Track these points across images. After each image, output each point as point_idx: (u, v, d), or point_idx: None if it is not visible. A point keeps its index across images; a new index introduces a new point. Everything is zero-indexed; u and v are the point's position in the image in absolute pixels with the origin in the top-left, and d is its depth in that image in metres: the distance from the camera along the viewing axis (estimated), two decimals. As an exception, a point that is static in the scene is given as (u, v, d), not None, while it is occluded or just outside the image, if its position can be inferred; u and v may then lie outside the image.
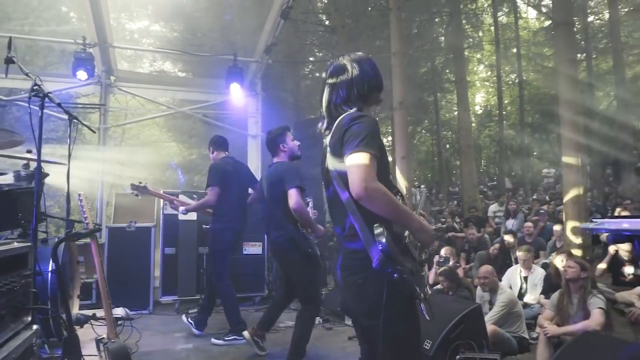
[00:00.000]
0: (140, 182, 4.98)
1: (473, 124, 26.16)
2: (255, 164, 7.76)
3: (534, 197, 16.37)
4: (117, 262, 6.29)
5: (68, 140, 3.20)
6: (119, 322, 4.07)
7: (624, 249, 6.39)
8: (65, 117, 3.22)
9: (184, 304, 6.59)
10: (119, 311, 4.73)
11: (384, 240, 1.59)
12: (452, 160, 26.57)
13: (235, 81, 7.03)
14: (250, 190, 5.25)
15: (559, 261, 6.03)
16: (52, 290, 3.24)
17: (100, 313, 3.83)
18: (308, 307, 3.87)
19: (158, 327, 5.52)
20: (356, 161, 1.63)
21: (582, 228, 2.89)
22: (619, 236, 6.38)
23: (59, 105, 2.91)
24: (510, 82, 23.00)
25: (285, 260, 4.02)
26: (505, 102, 23.24)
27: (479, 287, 5.49)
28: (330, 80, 1.96)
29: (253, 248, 7.08)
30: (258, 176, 7.61)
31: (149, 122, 10.45)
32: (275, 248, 3.99)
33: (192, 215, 6.94)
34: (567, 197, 6.92)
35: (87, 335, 3.64)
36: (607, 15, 13.93)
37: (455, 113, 19.13)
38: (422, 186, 5.45)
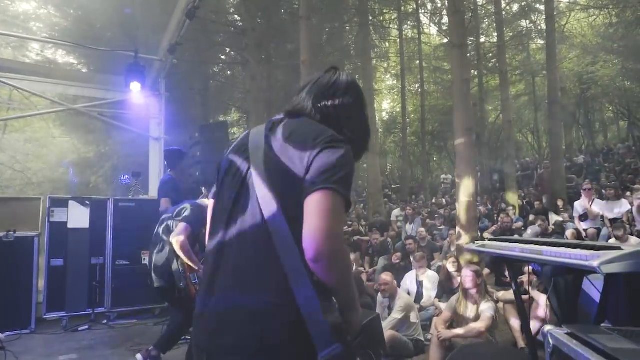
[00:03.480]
0: None
1: (380, 130, 27.48)
2: (157, 167, 7.36)
3: (433, 201, 17.59)
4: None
5: None
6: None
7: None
8: None
9: (73, 320, 6.05)
10: (-11, 335, 4.19)
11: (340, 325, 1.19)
12: (361, 163, 27.59)
13: (136, 80, 6.59)
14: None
15: (450, 265, 6.54)
16: None
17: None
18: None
19: (41, 350, 4.99)
20: (328, 205, 1.16)
21: (466, 249, 3.17)
22: (495, 258, 7.12)
23: None
24: (414, 92, 24.47)
25: None
26: (409, 110, 24.70)
27: (379, 293, 5.76)
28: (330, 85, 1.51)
29: (153, 257, 6.68)
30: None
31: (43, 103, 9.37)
32: None
33: (84, 223, 6.40)
34: (459, 206, 7.49)
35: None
36: (495, 39, 15.41)
37: (364, 118, 19.81)
38: None
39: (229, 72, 16.61)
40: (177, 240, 3.64)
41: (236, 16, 10.41)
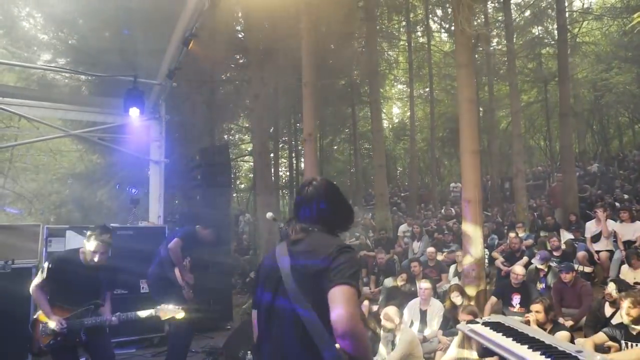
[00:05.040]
0: None
1: (390, 135, 27.20)
2: (157, 191, 7.26)
3: (442, 211, 17.30)
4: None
5: None
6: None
7: (515, 272, 6.89)
8: None
9: (70, 351, 5.97)
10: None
11: None
12: (370, 168, 27.36)
13: (135, 105, 6.48)
14: None
15: (455, 298, 6.33)
16: None
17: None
18: None
19: (34, 387, 4.91)
20: (348, 295, 1.63)
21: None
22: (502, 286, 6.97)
23: None
24: (425, 96, 24.14)
25: None
26: (419, 115, 24.38)
27: (382, 327, 5.61)
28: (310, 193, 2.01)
29: (150, 285, 6.55)
30: (161, 205, 7.21)
31: (45, 128, 9.35)
32: None
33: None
34: (465, 228, 7.28)
35: None
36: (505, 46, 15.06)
37: (373, 125, 19.60)
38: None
39: (237, 82, 16.49)
40: (170, 245, 4.97)
41: (239, 34, 10.31)
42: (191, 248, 5.35)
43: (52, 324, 3.69)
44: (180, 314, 4.15)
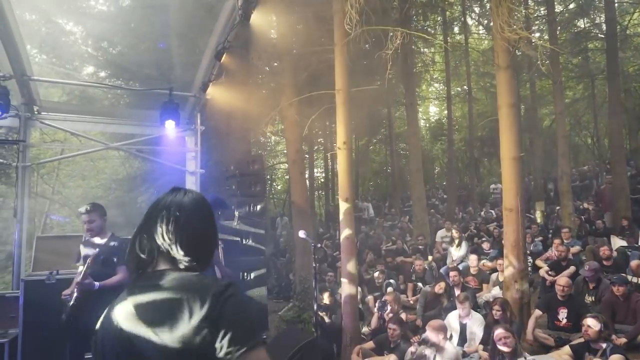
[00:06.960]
0: None
1: (427, 134, 26.65)
2: (193, 202, 7.35)
3: (482, 213, 16.76)
4: (34, 320, 5.74)
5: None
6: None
7: (560, 284, 6.55)
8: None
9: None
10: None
11: None
12: (406, 169, 26.92)
13: (171, 118, 6.60)
14: None
15: (495, 312, 6.06)
16: None
17: None
18: None
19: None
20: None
21: None
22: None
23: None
24: (463, 95, 23.50)
25: None
26: (457, 114, 23.74)
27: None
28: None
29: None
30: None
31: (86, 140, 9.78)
32: None
33: (122, 263, 6.48)
34: (506, 241, 6.97)
35: None
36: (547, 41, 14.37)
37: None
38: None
39: (272, 85, 16.54)
40: None
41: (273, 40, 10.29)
42: None
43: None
44: None
